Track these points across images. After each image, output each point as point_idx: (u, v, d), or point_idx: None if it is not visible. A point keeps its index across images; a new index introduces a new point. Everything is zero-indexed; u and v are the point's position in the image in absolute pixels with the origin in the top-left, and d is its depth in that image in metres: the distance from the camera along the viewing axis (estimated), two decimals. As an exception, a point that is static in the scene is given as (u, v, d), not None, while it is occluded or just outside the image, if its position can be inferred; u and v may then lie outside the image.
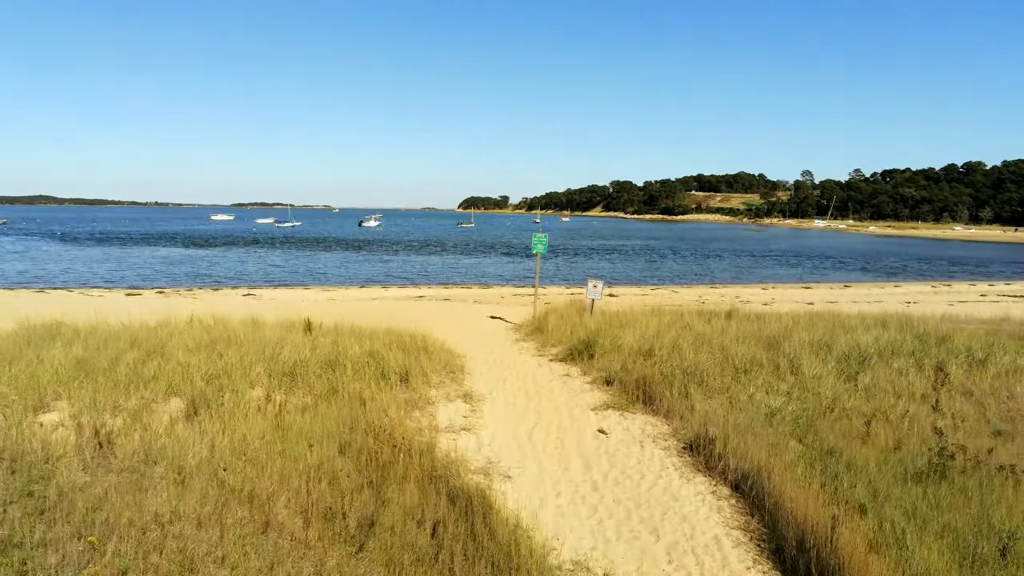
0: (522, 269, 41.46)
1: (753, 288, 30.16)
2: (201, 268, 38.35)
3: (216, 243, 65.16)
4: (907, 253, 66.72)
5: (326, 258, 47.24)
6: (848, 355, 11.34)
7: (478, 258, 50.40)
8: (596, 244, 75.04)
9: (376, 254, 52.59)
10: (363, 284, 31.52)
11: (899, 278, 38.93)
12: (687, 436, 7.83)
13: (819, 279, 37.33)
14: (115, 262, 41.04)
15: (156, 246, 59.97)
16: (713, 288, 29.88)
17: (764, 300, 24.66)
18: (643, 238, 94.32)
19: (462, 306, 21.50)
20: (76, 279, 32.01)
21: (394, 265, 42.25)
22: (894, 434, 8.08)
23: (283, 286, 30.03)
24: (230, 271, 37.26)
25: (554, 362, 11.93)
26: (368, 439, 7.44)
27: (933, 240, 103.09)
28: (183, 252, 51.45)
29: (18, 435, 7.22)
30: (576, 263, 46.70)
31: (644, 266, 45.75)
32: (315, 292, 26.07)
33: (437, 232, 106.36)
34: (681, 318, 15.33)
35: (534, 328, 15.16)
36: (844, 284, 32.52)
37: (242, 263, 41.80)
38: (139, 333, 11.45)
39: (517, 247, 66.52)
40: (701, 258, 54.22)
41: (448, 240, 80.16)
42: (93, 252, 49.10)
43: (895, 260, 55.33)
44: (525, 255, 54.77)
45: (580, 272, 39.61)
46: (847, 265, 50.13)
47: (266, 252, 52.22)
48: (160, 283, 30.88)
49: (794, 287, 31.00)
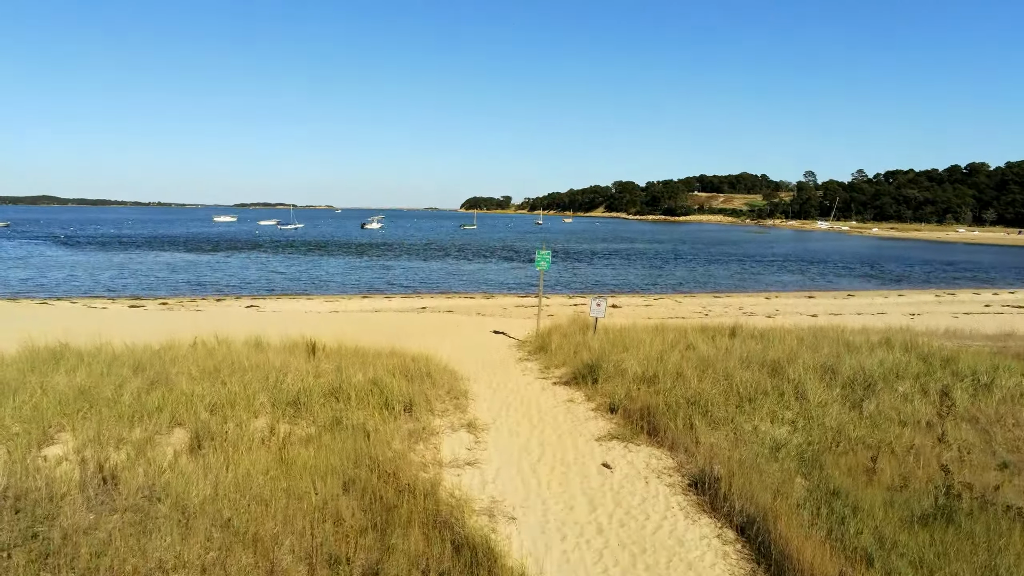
0: (524, 276, 41.42)
1: (756, 297, 30.08)
2: (204, 275, 38.38)
3: (219, 248, 65.24)
4: (910, 257, 66.56)
5: (328, 264, 47.26)
6: (853, 380, 11.30)
7: (480, 263, 50.38)
8: (598, 247, 74.98)
9: (378, 259, 52.60)
10: (366, 293, 31.49)
11: (903, 285, 38.82)
12: (692, 472, 7.80)
13: (823, 287, 37.24)
14: (118, 269, 41.09)
15: (159, 251, 60.04)
16: (716, 298, 29.81)
17: (768, 312, 24.60)
18: (645, 241, 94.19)
19: (465, 319, 21.48)
20: (79, 288, 32.05)
21: (396, 272, 42.24)
22: (900, 469, 8.04)
23: (286, 296, 30.03)
24: (233, 279, 37.28)
25: (558, 386, 11.90)
26: (373, 476, 7.43)
27: (936, 243, 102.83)
28: (186, 258, 51.52)
29: (22, 471, 7.23)
30: (578, 269, 46.66)
31: (646, 272, 45.68)
32: (318, 303, 26.07)
33: (439, 234, 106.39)
34: (684, 336, 15.31)
35: (537, 347, 15.13)
36: (848, 293, 32.43)
37: (244, 270, 41.83)
38: (142, 357, 11.45)
39: (519, 250, 66.49)
40: (704, 263, 54.13)
41: (450, 243, 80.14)
42: (96, 258, 49.18)
43: (898, 265, 55.18)
44: (527, 259, 54.74)
45: (582, 279, 39.62)
46: (850, 271, 50.00)
47: (268, 258, 52.26)
48: (163, 292, 30.90)
49: (798, 296, 30.91)
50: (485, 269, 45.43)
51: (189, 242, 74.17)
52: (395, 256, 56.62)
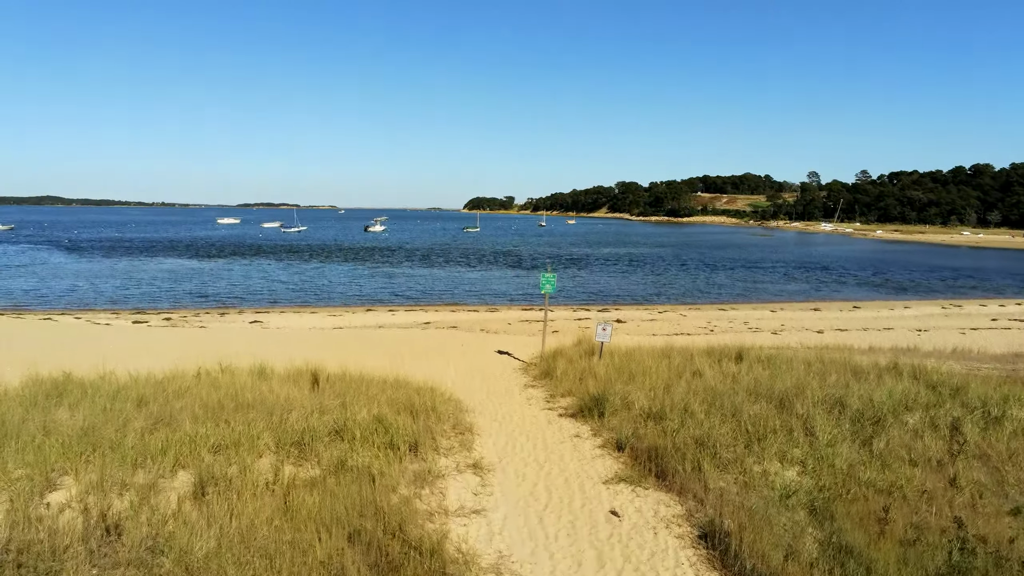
0: (527, 285, 41.34)
1: (761, 310, 29.94)
2: (207, 285, 38.37)
3: (222, 253, 65.28)
4: (914, 263, 66.27)
5: (331, 272, 47.21)
6: (862, 413, 11.17)
7: (483, 271, 50.29)
8: (602, 253, 74.82)
9: (381, 266, 52.54)
10: (369, 306, 31.44)
11: (908, 296, 38.63)
12: (702, 521, 7.70)
13: (828, 297, 37.08)
14: (121, 278, 41.11)
15: (162, 257, 60.13)
16: (722, 311, 29.68)
17: (774, 327, 24.47)
18: (649, 244, 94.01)
19: (469, 336, 21.39)
20: (82, 299, 32.07)
21: (400, 281, 42.17)
22: (913, 518, 7.93)
23: (290, 308, 30.00)
24: (236, 289, 37.26)
25: (564, 418, 11.81)
26: (378, 528, 7.35)
27: (940, 247, 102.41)
28: (189, 265, 51.54)
29: (24, 521, 7.16)
30: (581, 278, 46.53)
31: (650, 280, 45.53)
32: (321, 317, 26.01)
33: (442, 237, 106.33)
34: (691, 360, 15.21)
35: (543, 372, 15.05)
36: (853, 305, 32.26)
37: (247, 279, 41.81)
38: (145, 390, 11.40)
39: (522, 256, 66.40)
40: (707, 270, 53.94)
41: (453, 247, 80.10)
42: (99, 266, 49.23)
43: (902, 272, 54.92)
44: (530, 266, 54.66)
45: (586, 288, 39.49)
46: (855, 279, 49.81)
47: (271, 265, 52.24)
48: (166, 304, 30.91)
49: (803, 308, 30.76)
50: (488, 277, 45.33)
51: (192, 247, 74.27)
52: (398, 262, 56.57)
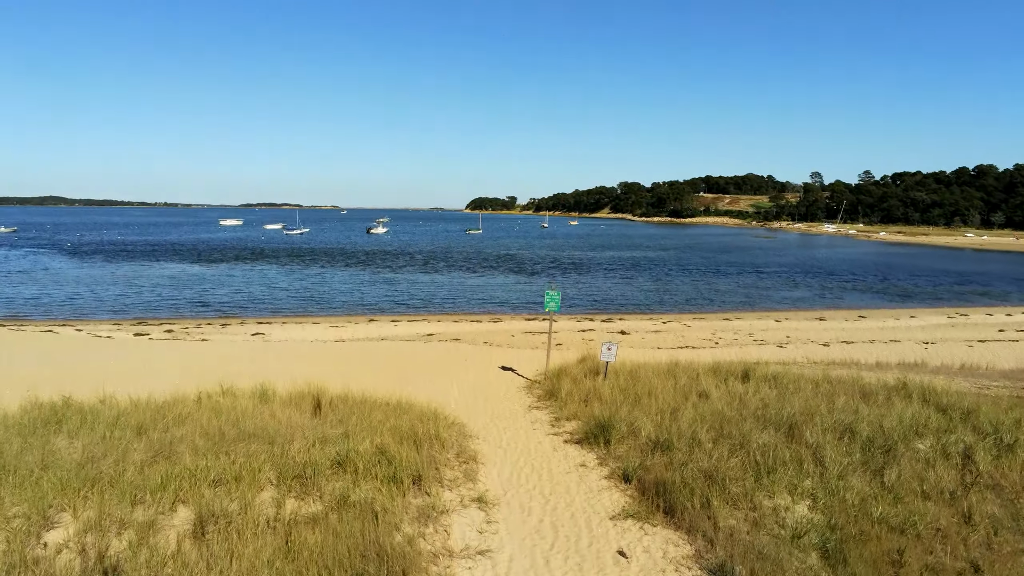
0: (531, 293, 41.18)
1: (766, 320, 29.74)
2: (208, 292, 38.27)
3: (224, 257, 65.22)
4: (918, 267, 65.96)
5: (333, 278, 47.07)
6: (872, 441, 11.00)
7: (486, 276, 50.12)
8: (604, 256, 74.62)
9: (382, 271, 52.39)
10: (372, 315, 31.32)
11: (913, 303, 38.38)
12: (712, 564, 7.53)
13: (833, 305, 36.85)
14: (123, 285, 41.04)
15: (164, 261, 60.11)
16: (727, 320, 29.47)
17: (779, 339, 24.28)
18: (652, 247, 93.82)
19: (473, 350, 21.24)
20: (83, 308, 32.01)
21: (402, 288, 42.03)
22: (928, 559, 7.75)
23: (292, 318, 29.89)
24: (238, 296, 37.15)
25: (569, 444, 11.64)
26: (382, 572, 7.21)
27: (944, 250, 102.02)
28: (191, 270, 51.47)
29: (21, 565, 7.04)
30: (584, 284, 46.34)
31: (653, 287, 45.33)
32: (324, 328, 25.88)
33: (444, 240, 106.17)
34: (696, 379, 15.07)
35: (547, 392, 14.90)
36: (859, 314, 32.02)
37: (249, 286, 41.71)
38: (145, 417, 11.27)
39: (524, 261, 66.23)
40: (710, 275, 53.71)
41: (456, 250, 79.98)
42: (100, 271, 49.19)
43: (907, 278, 54.64)
44: (532, 272, 54.50)
45: (589, 295, 39.31)
46: (859, 282, 49.60)
47: (273, 271, 52.14)
48: (167, 313, 30.82)
49: (808, 318, 30.55)
50: (490, 284, 45.16)
51: (195, 250, 74.25)
52: (399, 267, 56.46)
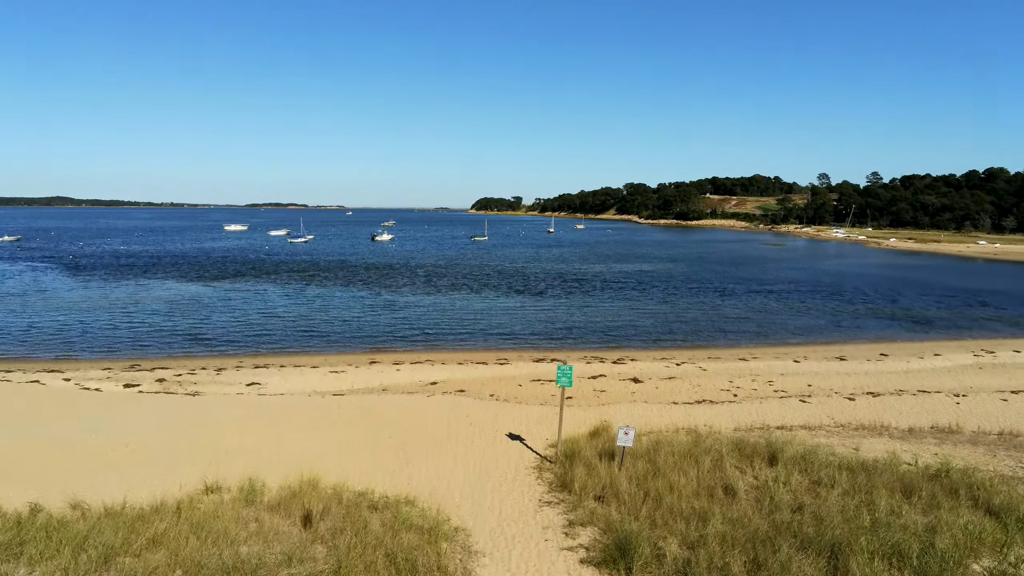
0: (536, 319, 40.05)
1: (784, 359, 28.48)
2: (204, 322, 37.32)
3: (224, 273, 64.30)
4: (931, 283, 64.49)
5: (333, 302, 45.96)
6: (925, 569, 9.78)
7: (490, 299, 48.94)
8: (612, 272, 73.41)
9: (384, 293, 51.21)
10: (372, 353, 30.30)
11: (933, 333, 37.04)
12: None
13: (850, 336, 35.56)
14: (118, 312, 40.14)
15: (163, 277, 59.36)
16: (743, 361, 28.20)
17: (801, 389, 23.07)
18: (660, 258, 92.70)
19: (478, 408, 20.10)
20: (73, 343, 31.16)
21: (402, 315, 40.87)
22: None
23: (291, 356, 28.93)
24: (234, 325, 36.14)
25: (585, 566, 10.45)
26: None
27: (956, 260, 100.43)
28: (188, 292, 50.60)
29: None
30: (591, 308, 45.11)
31: (662, 312, 44.05)
32: (322, 374, 24.77)
33: (448, 250, 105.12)
34: (720, 464, 13.99)
35: (560, 481, 13.77)
36: (880, 352, 30.59)
37: (246, 312, 40.69)
38: (117, 539, 10.12)
39: (529, 277, 65.13)
40: (720, 298, 52.40)
41: (460, 263, 78.95)
42: (96, 294, 48.37)
43: (921, 298, 53.25)
44: (538, 292, 53.38)
45: (596, 326, 38.02)
46: (872, 305, 48.49)
47: (272, 291, 51.14)
48: (160, 351, 29.96)
49: (827, 356, 29.28)
50: (495, 309, 43.99)
51: (195, 264, 73.43)
52: (401, 287, 55.45)
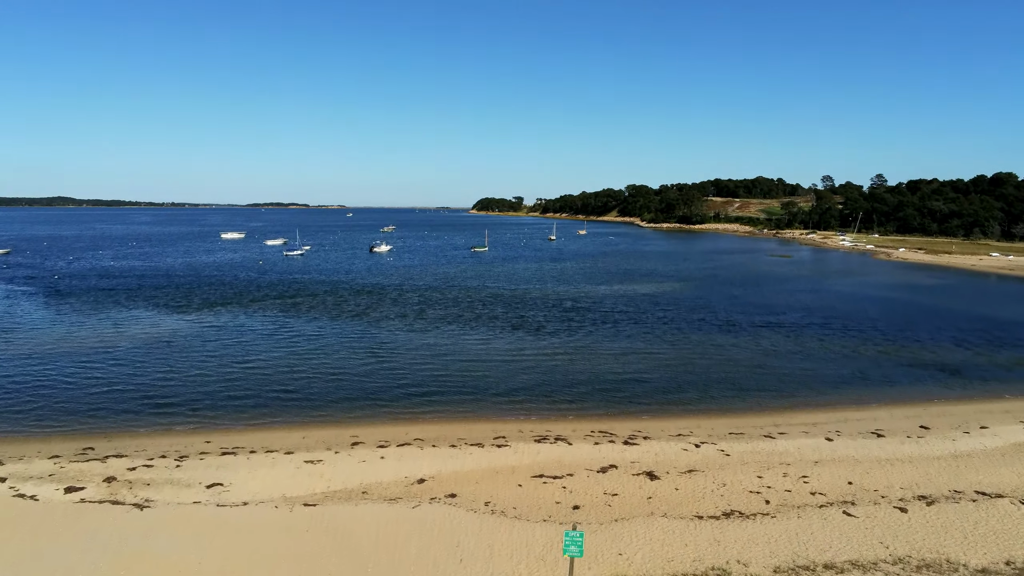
0: (537, 371, 37.03)
1: (815, 436, 25.27)
2: (174, 375, 34.46)
3: (208, 300, 61.20)
4: (947, 311, 61.10)
5: (317, 344, 42.65)
6: None
7: (486, 338, 45.48)
8: (615, 294, 70.32)
9: (372, 330, 47.50)
10: (354, 420, 27.48)
11: (970, 388, 33.88)
12: None
13: (879, 396, 32.08)
14: (83, 360, 37.32)
15: (144, 308, 56.50)
16: (768, 439, 24.89)
17: (841, 490, 20.03)
18: (665, 275, 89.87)
19: (472, 531, 17.12)
20: (21, 411, 28.42)
21: (390, 365, 37.46)
22: None
23: (261, 431, 26.04)
24: (206, 384, 32.97)
25: None
26: None
27: (968, 275, 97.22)
28: (167, 327, 47.84)
29: None
30: (593, 352, 41.78)
31: (670, 358, 40.45)
32: (295, 465, 21.60)
33: (447, 266, 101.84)
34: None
35: None
36: (920, 424, 27.30)
37: (221, 360, 37.62)
38: None
39: (529, 304, 62.06)
40: (729, 335, 48.96)
41: (456, 284, 75.83)
42: (65, 331, 45.80)
43: (940, 332, 49.83)
44: (538, 327, 50.41)
45: (602, 381, 34.78)
46: (893, 340, 45.93)
47: (254, 329, 48.00)
48: (118, 421, 27.23)
49: (862, 429, 25.95)
50: (490, 353, 40.74)
51: (180, 288, 70.48)
52: (391, 318, 52.47)
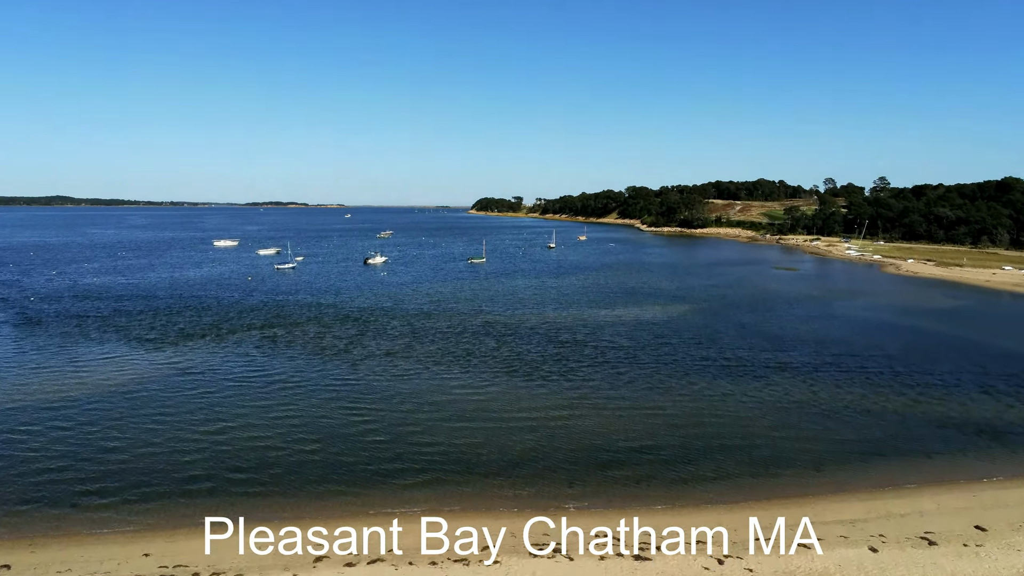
0: (534, 429, 33.53)
1: (858, 546, 21.76)
2: (118, 452, 30.82)
3: (185, 331, 57.59)
4: (972, 343, 57.47)
5: (284, 398, 38.74)
6: None
7: (473, 385, 41.99)
8: (615, 320, 66.75)
9: (349, 380, 43.04)
10: (316, 516, 23.92)
11: (1015, 460, 30.56)
12: None
13: (917, 472, 28.69)
14: (22, 428, 33.93)
15: (115, 342, 53.15)
16: (803, 550, 21.55)
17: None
18: (669, 295, 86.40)
19: None
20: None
21: (363, 429, 33.68)
22: None
23: (200, 533, 22.48)
24: (148, 468, 29.08)
25: None
26: None
27: (981, 293, 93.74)
28: (130, 370, 44.50)
29: None
30: (593, 406, 38.39)
31: (677, 419, 36.95)
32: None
33: (443, 283, 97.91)
34: None
35: None
36: (975, 525, 23.83)
37: (176, 428, 33.74)
38: None
39: (523, 336, 58.35)
40: (737, 379, 45.46)
41: (450, 310, 72.04)
42: (20, 378, 42.38)
43: (970, 374, 46.37)
44: (530, 369, 46.87)
45: (599, 451, 31.21)
46: (916, 382, 42.72)
47: (223, 373, 44.41)
48: (39, 525, 23.72)
49: (909, 536, 22.43)
50: (481, 407, 37.22)
51: (160, 311, 67.23)
52: (374, 356, 49.00)
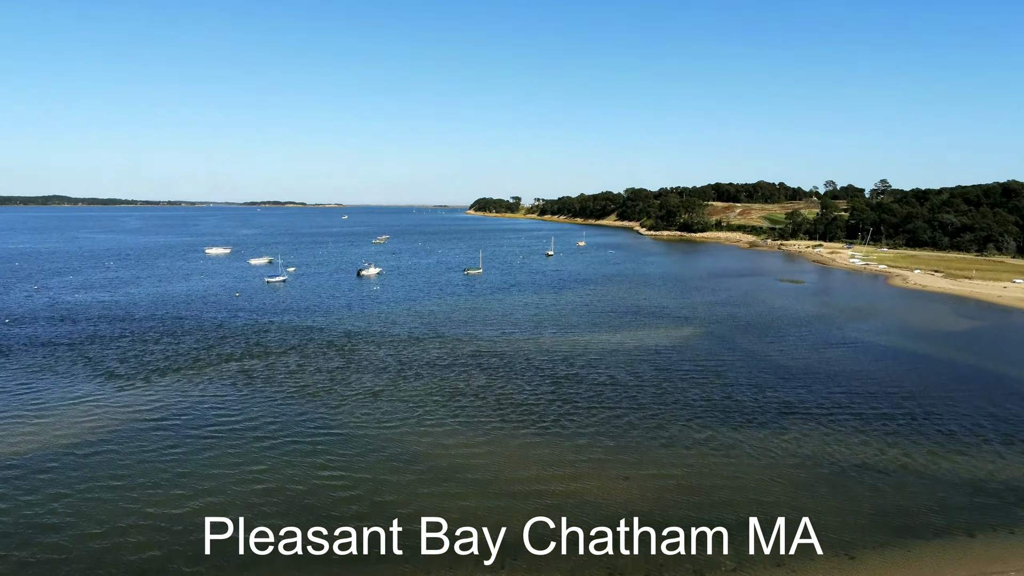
0: (524, 508, 30.61)
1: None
2: (70, 525, 27.90)
3: (158, 369, 53.96)
4: (994, 378, 54.77)
5: (252, 457, 35.25)
6: None
7: (463, 439, 39.00)
8: (615, 348, 63.96)
9: (328, 430, 39.68)
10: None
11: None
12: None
13: (960, 559, 26.02)
14: None
15: (84, 376, 50.13)
16: None
17: None
18: (671, 315, 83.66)
19: None
20: None
21: (349, 483, 31.10)
22: None
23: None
24: (106, 543, 26.39)
25: None
26: None
27: (994, 310, 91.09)
28: (86, 424, 41.42)
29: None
30: (591, 448, 35.47)
31: (687, 482, 34.21)
32: None
33: (438, 300, 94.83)
34: None
35: None
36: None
37: (122, 492, 30.65)
38: None
39: (517, 371, 55.59)
40: (746, 428, 42.71)
41: (442, 335, 69.00)
42: None
43: (979, 417, 43.77)
44: (523, 414, 43.98)
45: (606, 522, 28.32)
46: (942, 435, 39.77)
47: (192, 415, 41.54)
48: None
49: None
50: (464, 474, 34.25)
51: (136, 336, 64.33)
52: (358, 396, 45.93)
